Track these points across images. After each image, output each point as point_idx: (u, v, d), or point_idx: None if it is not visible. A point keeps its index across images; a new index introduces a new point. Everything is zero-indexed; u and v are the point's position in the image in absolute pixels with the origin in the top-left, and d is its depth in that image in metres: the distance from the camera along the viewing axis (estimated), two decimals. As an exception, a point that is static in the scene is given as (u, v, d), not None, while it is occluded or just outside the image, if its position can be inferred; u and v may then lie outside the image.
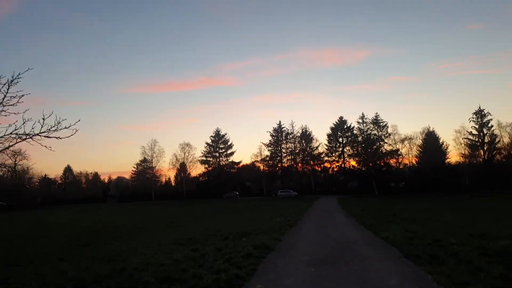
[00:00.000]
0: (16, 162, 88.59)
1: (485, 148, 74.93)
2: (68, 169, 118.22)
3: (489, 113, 74.75)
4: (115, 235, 18.58)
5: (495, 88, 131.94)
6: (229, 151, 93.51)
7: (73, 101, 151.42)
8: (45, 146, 8.47)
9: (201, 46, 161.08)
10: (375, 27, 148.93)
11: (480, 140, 75.18)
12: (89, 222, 28.74)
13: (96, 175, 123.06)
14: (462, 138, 75.89)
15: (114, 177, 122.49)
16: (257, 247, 9.69)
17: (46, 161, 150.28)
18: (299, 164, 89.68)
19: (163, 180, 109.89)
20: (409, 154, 79.93)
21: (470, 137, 75.83)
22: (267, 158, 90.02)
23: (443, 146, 77.95)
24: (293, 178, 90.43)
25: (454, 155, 79.00)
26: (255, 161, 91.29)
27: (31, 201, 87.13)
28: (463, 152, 75.80)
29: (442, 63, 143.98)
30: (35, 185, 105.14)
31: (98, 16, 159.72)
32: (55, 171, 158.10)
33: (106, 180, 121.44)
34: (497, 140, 74.49)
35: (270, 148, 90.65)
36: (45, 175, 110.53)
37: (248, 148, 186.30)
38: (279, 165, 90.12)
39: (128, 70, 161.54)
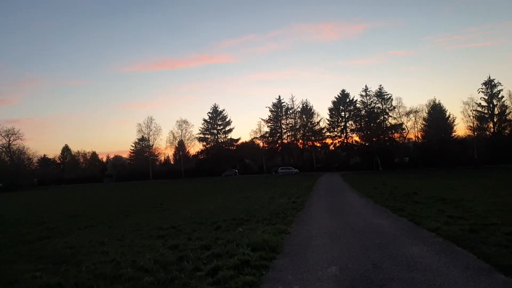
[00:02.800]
0: (10, 142, 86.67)
1: (494, 120, 71.55)
2: (66, 149, 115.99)
3: (499, 83, 71.00)
4: (91, 222, 15.80)
5: (497, 60, 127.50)
6: (227, 128, 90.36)
7: (70, 81, 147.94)
8: None
9: (196, 24, 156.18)
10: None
11: (489, 112, 71.69)
12: (72, 205, 26.07)
13: (94, 155, 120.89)
14: (471, 110, 72.26)
15: (112, 156, 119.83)
16: (257, 248, 6.77)
17: (45, 141, 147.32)
18: (300, 140, 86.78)
19: (162, 158, 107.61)
20: (415, 128, 76.77)
21: (479, 108, 72.26)
22: (267, 135, 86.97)
23: (449, 119, 74.59)
24: (293, 154, 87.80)
25: (461, 128, 75.94)
26: (254, 138, 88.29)
27: (28, 182, 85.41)
28: (471, 125, 72.34)
29: (440, 37, 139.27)
30: (34, 165, 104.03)
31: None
32: (54, 152, 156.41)
33: (104, 160, 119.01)
34: (507, 111, 71.00)
35: (269, 124, 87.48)
36: (44, 155, 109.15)
37: (247, 125, 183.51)
38: (279, 141, 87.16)
39: (125, 49, 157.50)
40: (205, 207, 18.52)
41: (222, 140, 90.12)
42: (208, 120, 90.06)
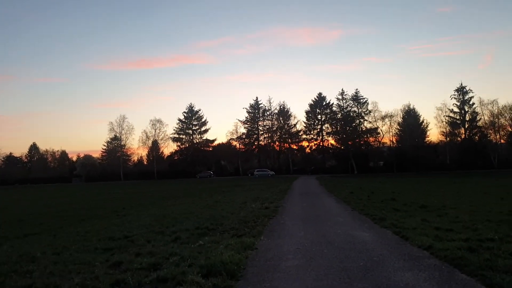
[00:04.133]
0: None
1: (466, 126, 73.20)
2: (34, 147, 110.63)
3: (470, 90, 72.83)
4: (36, 229, 14.01)
5: (467, 69, 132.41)
6: (203, 128, 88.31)
7: (43, 78, 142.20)
8: None
9: (173, 23, 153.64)
10: (348, 6, 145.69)
11: (461, 118, 73.29)
12: (26, 207, 23.87)
13: (63, 154, 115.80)
14: (444, 116, 73.89)
15: (83, 156, 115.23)
16: (212, 272, 5.36)
17: (11, 139, 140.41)
18: (277, 143, 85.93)
19: (135, 159, 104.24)
20: (389, 132, 77.44)
21: (451, 114, 73.90)
22: (243, 136, 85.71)
23: (423, 124, 75.66)
24: (270, 157, 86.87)
25: (434, 134, 77.08)
26: (230, 139, 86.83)
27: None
28: (444, 130, 73.94)
29: (412, 45, 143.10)
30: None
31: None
32: (21, 150, 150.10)
33: (74, 159, 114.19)
34: (478, 118, 72.80)
35: (246, 126, 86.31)
36: (10, 153, 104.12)
37: (224, 127, 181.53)
38: (255, 143, 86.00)
39: (100, 46, 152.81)
40: (171, 212, 16.93)
41: (197, 141, 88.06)
42: (183, 120, 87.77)
